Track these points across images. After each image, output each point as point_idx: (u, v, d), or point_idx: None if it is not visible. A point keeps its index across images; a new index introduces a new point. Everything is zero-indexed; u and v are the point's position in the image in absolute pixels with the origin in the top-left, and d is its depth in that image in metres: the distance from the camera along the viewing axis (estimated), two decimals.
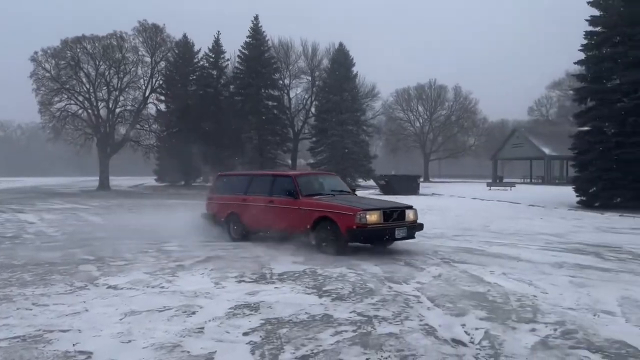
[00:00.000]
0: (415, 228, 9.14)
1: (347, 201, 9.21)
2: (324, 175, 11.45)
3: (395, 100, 65.55)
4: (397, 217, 8.84)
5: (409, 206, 9.34)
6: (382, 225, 8.57)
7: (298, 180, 9.75)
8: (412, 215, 9.13)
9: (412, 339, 4.47)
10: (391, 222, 8.69)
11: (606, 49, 22.36)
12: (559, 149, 44.25)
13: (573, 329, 4.76)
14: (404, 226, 8.78)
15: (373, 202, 9.71)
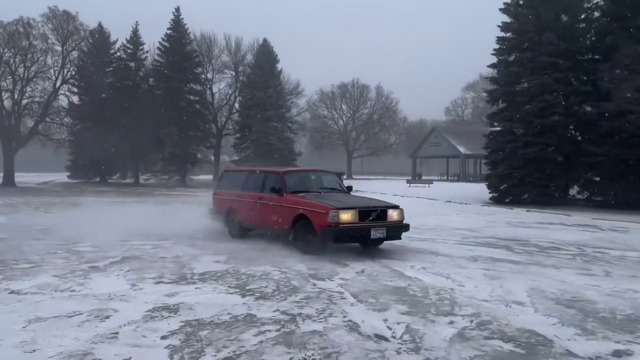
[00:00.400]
0: (400, 229, 8.63)
1: (326, 199, 8.77)
2: (318, 173, 10.83)
3: (320, 98, 66.22)
4: (377, 217, 8.36)
5: (394, 206, 8.76)
6: (357, 225, 8.16)
7: (285, 177, 9.53)
8: (396, 216, 8.61)
9: (335, 336, 4.47)
10: (368, 222, 8.23)
11: (516, 54, 23.80)
12: (473, 148, 46.58)
13: (488, 320, 4.97)
14: (383, 226, 8.28)
15: (355, 201, 9.04)
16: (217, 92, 49.14)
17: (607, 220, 15.44)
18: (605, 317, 5.14)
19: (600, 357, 4.07)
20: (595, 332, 4.67)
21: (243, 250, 8.89)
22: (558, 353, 4.14)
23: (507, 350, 4.20)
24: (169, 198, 24.19)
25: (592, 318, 5.09)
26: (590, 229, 13.28)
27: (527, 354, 4.11)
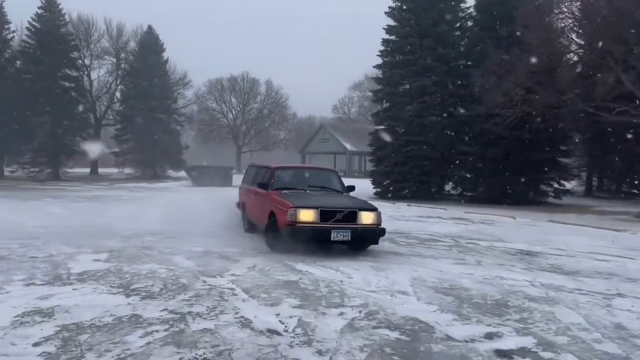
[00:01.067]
0: (373, 232, 8.03)
1: (298, 197, 8.40)
2: (315, 170, 10.44)
3: (208, 90, 64.58)
4: (343, 218, 7.84)
5: (369, 208, 8.23)
6: (316, 226, 7.75)
7: (276, 172, 9.56)
8: (370, 218, 8.01)
9: (227, 333, 4.39)
10: (331, 223, 7.75)
11: (399, 57, 25.07)
12: (359, 145, 48.38)
13: (375, 310, 5.19)
14: (347, 229, 7.76)
15: (330, 202, 8.39)
16: (96, 79, 46.02)
17: (477, 213, 16.85)
18: (478, 302, 5.61)
19: (475, 339, 4.42)
20: (470, 317, 5.07)
21: (126, 249, 8.41)
22: (439, 338, 4.43)
23: (394, 338, 4.41)
24: (39, 192, 22.14)
25: (467, 304, 5.52)
26: (463, 222, 14.41)
27: (411, 341, 4.35)
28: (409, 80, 24.23)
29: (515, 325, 4.80)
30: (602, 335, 4.55)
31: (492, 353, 4.11)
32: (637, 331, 4.68)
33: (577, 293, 6.07)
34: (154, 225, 10.88)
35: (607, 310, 5.35)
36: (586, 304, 5.57)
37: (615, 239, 11.11)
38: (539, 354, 4.11)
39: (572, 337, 4.51)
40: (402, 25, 24.83)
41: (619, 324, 4.88)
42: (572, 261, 8.24)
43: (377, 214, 8.14)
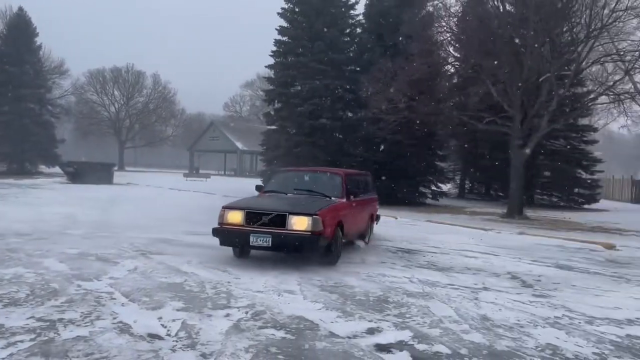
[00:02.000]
0: (301, 240, 6.97)
1: (251, 199, 8.41)
2: (315, 174, 9.36)
3: (89, 81, 60.36)
4: (270, 221, 7.06)
5: (305, 212, 7.10)
6: (238, 228, 7.21)
7: (273, 175, 9.55)
8: (302, 224, 7.00)
9: (104, 340, 4.13)
10: (257, 226, 7.09)
11: (291, 58, 25.34)
12: (250, 144, 48.09)
13: (262, 310, 5.18)
14: (269, 234, 6.95)
15: (269, 203, 7.75)
16: None
17: None
18: (361, 299, 5.83)
19: (357, 335, 4.59)
20: (353, 313, 5.26)
21: None
22: (323, 335, 4.54)
23: (279, 337, 4.44)
24: None
25: (350, 301, 5.72)
26: None
27: (296, 339, 4.41)
28: (300, 82, 24.57)
29: (395, 320, 5.06)
30: (470, 327, 4.95)
31: (373, 347, 4.30)
32: (500, 321, 5.15)
33: (449, 288, 6.55)
34: (21, 225, 9.94)
35: (475, 303, 5.83)
36: (457, 298, 6.03)
37: (483, 237, 12.16)
38: (415, 346, 4.37)
39: (444, 329, 4.86)
40: (294, 27, 25.12)
41: (484, 316, 5.34)
42: (446, 258, 8.88)
43: (314, 219, 7.00)
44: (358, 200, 8.93)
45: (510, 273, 7.74)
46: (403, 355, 4.17)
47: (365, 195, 9.79)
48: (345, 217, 7.94)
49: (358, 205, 8.89)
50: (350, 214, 8.31)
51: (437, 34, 20.54)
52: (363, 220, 9.43)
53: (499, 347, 4.42)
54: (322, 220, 7.04)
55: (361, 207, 9.19)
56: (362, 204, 9.25)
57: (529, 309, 5.65)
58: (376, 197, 11.03)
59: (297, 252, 7.40)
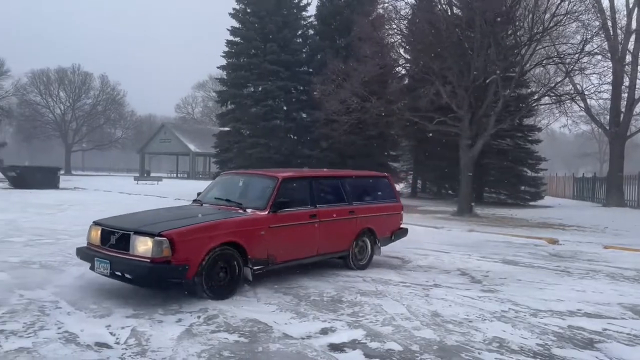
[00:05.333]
0: (141, 270, 5.27)
1: (138, 213, 7.05)
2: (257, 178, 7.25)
3: (31, 81, 57.84)
4: (117, 242, 5.59)
5: (149, 232, 5.40)
6: (93, 250, 5.90)
7: (212, 181, 8.02)
8: (144, 248, 5.33)
9: (48, 351, 3.99)
10: (107, 247, 5.67)
11: (244, 59, 25.17)
12: (203, 146, 47.35)
13: (215, 314, 5.12)
14: (108, 259, 5.51)
15: (140, 219, 6.15)
16: None
17: None
18: (315, 299, 5.86)
19: (311, 336, 4.61)
20: (307, 314, 5.27)
21: None
22: (276, 337, 4.53)
23: (232, 340, 4.40)
24: None
25: (304, 302, 5.73)
26: None
27: (250, 342, 4.38)
28: (253, 83, 24.46)
29: (348, 319, 5.11)
30: (421, 323, 5.06)
31: (326, 347, 4.32)
32: (450, 317, 5.29)
33: (401, 286, 6.67)
34: None
35: (426, 300, 5.96)
36: (409, 295, 6.14)
37: (435, 235, 12.44)
38: (368, 344, 4.43)
39: (396, 326, 4.94)
40: (247, 28, 24.97)
41: (435, 312, 5.47)
42: (399, 256, 9.02)
43: (156, 242, 5.24)
44: (309, 211, 6.86)
45: (460, 269, 7.95)
46: (356, 353, 4.22)
47: (346, 205, 7.49)
48: (252, 237, 6.01)
49: (304, 219, 6.76)
50: (272, 233, 6.24)
51: (388, 36, 20.87)
52: (328, 238, 7.11)
53: (448, 342, 4.54)
54: (173, 243, 5.27)
55: (323, 222, 6.98)
56: (327, 216, 7.08)
57: (478, 304, 5.83)
58: (391, 205, 8.43)
59: (140, 286, 5.64)
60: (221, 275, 5.73)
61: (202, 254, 5.51)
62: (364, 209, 7.77)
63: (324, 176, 7.78)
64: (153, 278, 5.32)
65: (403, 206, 8.76)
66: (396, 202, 8.57)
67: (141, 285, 5.66)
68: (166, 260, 5.26)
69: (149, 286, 5.62)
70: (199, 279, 5.50)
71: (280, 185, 6.61)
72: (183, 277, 5.40)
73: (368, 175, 8.79)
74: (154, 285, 5.54)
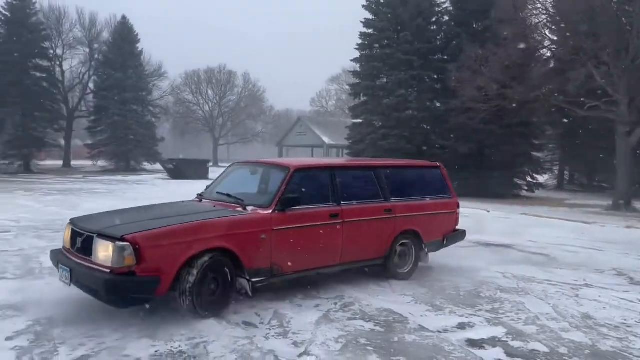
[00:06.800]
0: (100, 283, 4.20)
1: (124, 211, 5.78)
2: (266, 168, 6.14)
3: (185, 82, 63.75)
4: (83, 246, 4.63)
5: (112, 235, 4.35)
6: (64, 253, 4.97)
7: (223, 172, 6.69)
8: (105, 254, 4.32)
9: (205, 326, 4.38)
10: (75, 251, 4.76)
11: (376, 50, 25.15)
12: (336, 138, 48.48)
13: (350, 302, 5.25)
14: (68, 268, 4.57)
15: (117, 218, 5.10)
16: (69, 70, 44.95)
17: None
18: (451, 293, 5.71)
19: (447, 330, 4.51)
20: (443, 307, 5.17)
21: None
22: (412, 329, 4.51)
23: (368, 329, 4.47)
24: (10, 185, 21.63)
25: (440, 295, 5.62)
26: None
27: (385, 332, 4.42)
28: (386, 74, 24.35)
29: (487, 316, 4.91)
30: (570, 325, 4.69)
31: (464, 342, 4.20)
32: (604, 320, 4.83)
33: (546, 284, 6.23)
34: None
35: (575, 301, 5.50)
36: (555, 295, 5.72)
37: (585, 231, 11.40)
38: (509, 343, 4.22)
39: (541, 326, 4.64)
40: (380, 18, 24.89)
41: (586, 314, 5.03)
42: (543, 253, 8.43)
43: (117, 247, 4.22)
44: (329, 210, 5.54)
45: (616, 269, 7.21)
46: (496, 351, 4.05)
47: (381, 202, 6.10)
48: (249, 242, 4.88)
49: (322, 219, 5.46)
50: (278, 237, 5.07)
51: (532, 16, 19.46)
52: (355, 243, 5.77)
53: (602, 347, 4.16)
54: (138, 249, 4.23)
55: (348, 223, 5.63)
56: (354, 216, 5.72)
57: (638, 308, 5.24)
58: (443, 202, 6.89)
59: (104, 302, 4.41)
60: (208, 289, 4.66)
61: (179, 264, 4.44)
62: (405, 206, 6.31)
63: (351, 166, 6.49)
64: (111, 293, 4.19)
65: (459, 203, 7.20)
66: (450, 198, 7.04)
67: (104, 302, 4.40)
68: (129, 271, 4.22)
69: (111, 303, 4.37)
70: (178, 293, 4.49)
71: (292, 177, 5.38)
72: (152, 292, 4.33)
73: (413, 165, 7.51)
74: (116, 302, 4.35)
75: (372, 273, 6.44)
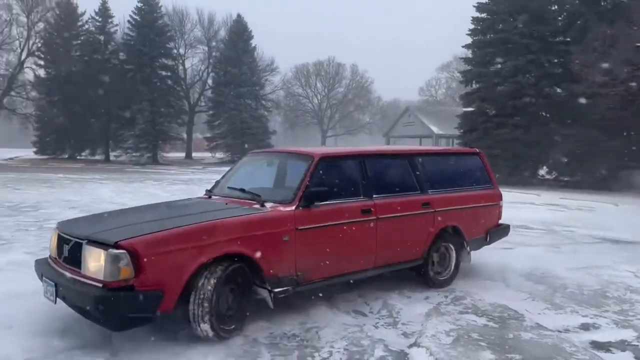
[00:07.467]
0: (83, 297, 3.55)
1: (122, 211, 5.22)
2: (287, 158, 5.35)
3: (294, 75, 65.63)
4: (71, 254, 3.86)
5: (103, 241, 3.59)
6: (50, 262, 4.19)
7: (235, 165, 5.87)
8: (96, 266, 3.58)
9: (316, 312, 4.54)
10: (61, 260, 3.99)
11: (490, 35, 24.00)
12: (446, 128, 47.07)
13: (462, 296, 5.12)
14: (52, 282, 3.79)
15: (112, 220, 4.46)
16: (190, 67, 48.32)
17: (574, 199, 15.88)
18: (573, 292, 5.35)
19: (569, 330, 4.24)
20: (564, 306, 4.86)
21: None
22: (529, 326, 4.30)
23: (481, 324, 4.34)
24: (140, 175, 23.84)
25: (560, 293, 5.29)
26: (558, 208, 13.65)
27: (500, 328, 4.26)
28: (500, 60, 23.16)
29: (615, 317, 4.54)
30: None
31: (588, 344, 3.93)
32: None
33: None
34: None
35: None
36: None
37: None
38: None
39: None
40: (494, 2, 23.70)
41: None
42: None
43: (111, 256, 3.46)
44: (361, 204, 4.71)
45: None
46: (625, 355, 3.74)
47: (418, 194, 5.24)
48: (270, 246, 4.09)
49: (353, 215, 4.62)
50: (302, 238, 4.27)
51: None
52: (391, 244, 4.96)
53: None
54: (137, 258, 3.47)
55: (383, 220, 4.81)
56: (389, 211, 4.89)
57: None
58: (485, 193, 6.06)
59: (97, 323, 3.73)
60: (224, 303, 3.91)
61: (187, 274, 3.68)
62: (445, 199, 5.44)
63: (383, 153, 5.55)
64: (104, 313, 3.45)
65: (502, 194, 6.30)
66: (492, 188, 6.15)
67: (96, 323, 3.71)
68: (126, 285, 3.46)
69: (104, 324, 3.67)
70: (191, 312, 3.74)
71: (316, 166, 4.54)
72: (154, 311, 3.57)
73: (450, 152, 6.67)
74: (110, 323, 3.63)
75: (483, 269, 6.22)
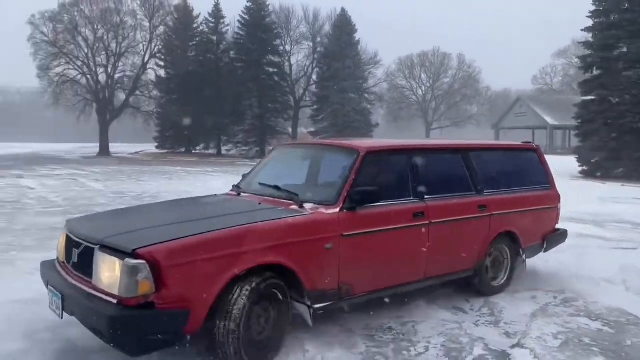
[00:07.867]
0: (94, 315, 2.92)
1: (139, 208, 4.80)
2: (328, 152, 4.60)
3: (398, 67, 64.82)
4: (81, 260, 3.26)
5: (119, 247, 2.94)
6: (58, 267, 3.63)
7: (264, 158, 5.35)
8: (110, 277, 2.94)
9: (412, 307, 4.48)
10: (70, 266, 3.41)
11: (614, 16, 21.95)
12: (562, 118, 44.00)
13: (573, 297, 4.78)
14: (59, 293, 3.23)
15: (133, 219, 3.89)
16: (295, 63, 49.55)
17: None
18: None
19: None
20: None
21: None
22: None
23: (595, 328, 4.03)
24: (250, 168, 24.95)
25: None
26: None
27: (615, 333, 3.92)
28: (626, 43, 21.09)
29: None
30: None
31: None
32: None
33: None
34: None
35: None
36: None
37: None
38: None
39: None
40: None
41: None
42: None
43: (128, 267, 2.83)
44: (412, 207, 4.09)
45: None
46: None
47: (473, 195, 4.62)
48: (311, 255, 3.51)
49: (403, 219, 4.00)
50: (347, 246, 3.67)
51: None
52: (443, 251, 4.32)
53: None
54: (158, 270, 2.87)
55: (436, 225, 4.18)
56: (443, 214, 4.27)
57: None
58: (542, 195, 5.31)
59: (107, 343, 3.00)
60: (258, 323, 3.30)
61: (217, 289, 3.07)
62: (501, 200, 4.77)
63: (434, 148, 4.76)
64: (119, 335, 2.81)
65: (560, 196, 5.45)
66: (549, 189, 5.39)
67: (110, 345, 2.98)
68: (145, 303, 2.86)
69: (120, 347, 2.93)
70: (218, 333, 3.12)
71: (362, 162, 3.88)
72: (178, 332, 2.99)
73: (506, 147, 5.72)
74: (127, 347, 2.91)
75: (605, 268, 5.74)
